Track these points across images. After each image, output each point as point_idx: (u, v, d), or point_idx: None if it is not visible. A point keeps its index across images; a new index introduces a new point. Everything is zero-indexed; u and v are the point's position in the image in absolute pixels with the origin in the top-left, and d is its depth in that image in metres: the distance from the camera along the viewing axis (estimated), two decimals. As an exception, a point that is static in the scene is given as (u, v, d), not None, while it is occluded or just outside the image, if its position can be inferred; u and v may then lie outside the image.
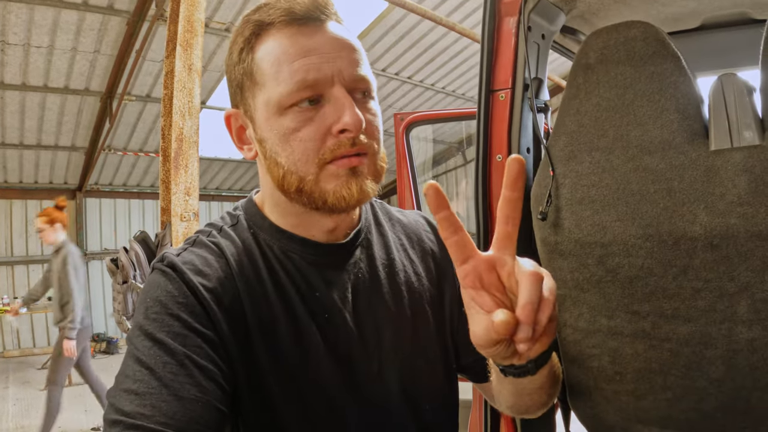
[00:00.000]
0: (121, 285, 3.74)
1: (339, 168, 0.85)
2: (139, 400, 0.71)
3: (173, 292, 0.81)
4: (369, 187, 0.87)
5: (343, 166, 0.85)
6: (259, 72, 0.87)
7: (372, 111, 0.89)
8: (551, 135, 1.42)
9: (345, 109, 0.83)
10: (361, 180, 0.86)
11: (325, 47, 0.85)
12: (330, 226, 0.94)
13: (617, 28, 1.31)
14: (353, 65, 0.86)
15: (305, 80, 0.83)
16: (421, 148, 9.94)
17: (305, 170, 0.86)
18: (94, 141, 9.69)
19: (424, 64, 9.63)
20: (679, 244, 1.23)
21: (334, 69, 0.84)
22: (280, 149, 0.87)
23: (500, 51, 1.61)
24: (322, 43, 0.85)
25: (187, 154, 3.37)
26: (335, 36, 0.86)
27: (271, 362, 0.85)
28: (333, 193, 0.86)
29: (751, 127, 1.17)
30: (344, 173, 0.85)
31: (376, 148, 0.90)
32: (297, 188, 0.87)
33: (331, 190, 0.86)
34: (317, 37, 0.85)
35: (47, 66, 7.40)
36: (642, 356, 1.32)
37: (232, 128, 0.96)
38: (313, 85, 0.83)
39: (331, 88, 0.84)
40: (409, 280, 1.04)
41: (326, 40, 0.85)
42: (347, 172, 0.85)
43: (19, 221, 10.83)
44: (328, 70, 0.84)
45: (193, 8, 3.47)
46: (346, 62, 0.85)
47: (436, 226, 1.17)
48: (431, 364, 1.05)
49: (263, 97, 0.87)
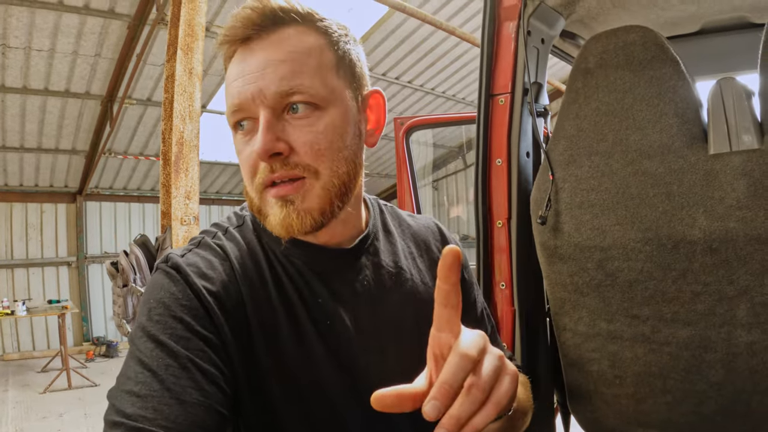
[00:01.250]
0: (121, 288, 3.75)
1: (269, 196, 0.84)
2: (141, 402, 0.70)
3: (177, 294, 0.80)
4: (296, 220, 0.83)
5: (271, 195, 0.83)
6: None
7: (311, 127, 0.83)
8: (551, 139, 1.43)
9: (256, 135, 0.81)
10: (288, 211, 0.83)
11: (251, 67, 0.82)
12: (321, 238, 0.92)
13: (616, 32, 1.31)
14: (279, 80, 0.81)
15: (233, 104, 0.83)
16: (422, 152, 9.98)
17: (251, 192, 0.87)
18: (95, 144, 9.69)
19: (424, 69, 9.64)
20: (678, 247, 1.23)
21: (254, 90, 0.81)
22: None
23: (500, 55, 1.62)
24: (250, 63, 0.82)
25: (188, 158, 3.37)
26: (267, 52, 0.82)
27: (273, 366, 0.85)
28: (268, 222, 0.85)
29: (750, 131, 1.18)
30: (273, 202, 0.83)
31: (318, 168, 0.83)
32: (251, 207, 0.89)
33: (269, 216, 0.85)
34: (249, 56, 0.83)
35: (48, 69, 7.41)
36: (642, 360, 1.32)
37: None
38: (239, 109, 0.83)
39: (255, 110, 0.82)
40: (416, 289, 1.03)
41: (254, 60, 0.82)
42: (276, 201, 0.83)
43: (19, 224, 10.83)
44: (248, 91, 0.81)
45: (194, 12, 3.47)
46: (269, 79, 0.81)
47: (447, 234, 1.17)
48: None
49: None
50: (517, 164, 1.57)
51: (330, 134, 0.84)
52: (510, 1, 1.60)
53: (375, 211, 1.07)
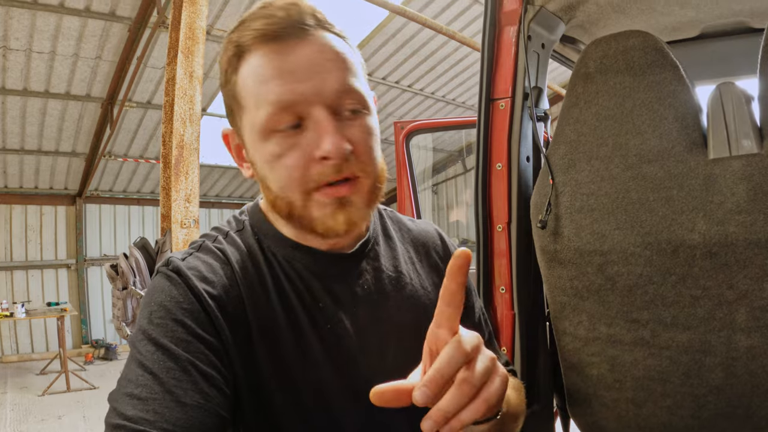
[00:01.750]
0: (120, 291, 3.74)
1: (324, 197, 0.82)
2: (142, 405, 0.71)
3: (178, 297, 0.80)
4: (359, 217, 0.84)
5: (328, 196, 0.82)
6: (242, 95, 0.84)
7: (365, 129, 0.84)
8: (551, 144, 1.43)
9: (325, 133, 0.79)
10: (349, 210, 0.83)
11: (301, 65, 0.80)
12: (330, 241, 0.92)
13: (616, 37, 1.32)
14: (336, 81, 0.80)
15: (280, 102, 0.79)
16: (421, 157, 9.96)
17: (292, 197, 0.83)
18: (95, 147, 9.70)
19: (424, 73, 9.66)
20: (678, 252, 1.23)
21: (311, 89, 0.79)
22: (268, 174, 0.85)
23: (500, 60, 1.62)
24: (297, 62, 0.80)
25: (188, 161, 3.38)
26: (315, 51, 0.81)
27: (273, 369, 0.85)
28: (320, 223, 0.83)
29: (749, 136, 1.18)
30: (330, 203, 0.82)
31: (370, 169, 0.85)
32: (288, 213, 0.86)
33: (318, 219, 0.83)
34: (293, 54, 0.80)
35: (49, 72, 7.42)
36: (641, 364, 1.33)
37: (231, 146, 0.95)
38: (289, 108, 0.79)
39: (311, 110, 0.79)
40: (415, 293, 1.03)
41: (303, 57, 0.80)
42: (333, 201, 0.82)
43: (18, 227, 10.83)
44: (304, 90, 0.79)
45: (195, 16, 3.48)
46: (327, 78, 0.80)
47: (446, 239, 1.17)
48: None
49: (248, 120, 0.84)
50: (517, 168, 1.57)
51: (375, 136, 0.86)
52: (510, 6, 1.60)
53: (375, 215, 1.07)
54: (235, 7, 6.94)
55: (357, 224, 0.85)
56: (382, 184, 0.89)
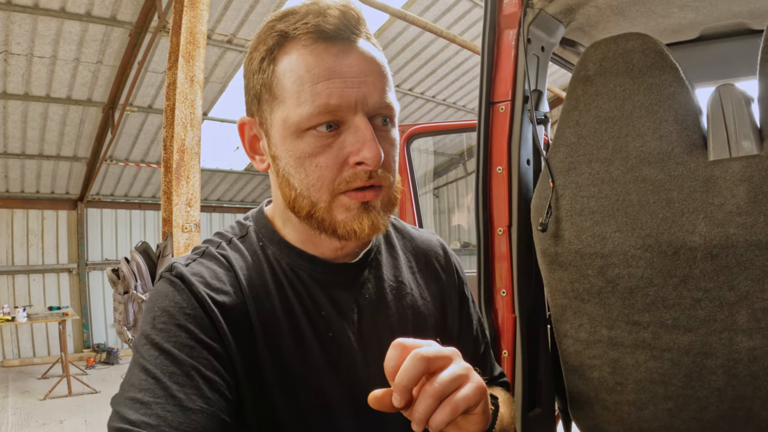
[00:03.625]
0: (122, 295, 3.74)
1: (352, 200, 0.83)
2: (144, 409, 0.71)
3: (181, 303, 0.81)
4: (381, 222, 0.85)
5: (356, 199, 0.83)
6: (280, 86, 0.84)
7: (391, 141, 0.87)
8: (551, 146, 1.43)
9: (366, 141, 0.80)
10: (373, 215, 0.84)
11: (352, 71, 0.81)
12: (338, 245, 0.92)
13: (616, 40, 1.32)
14: (379, 92, 0.83)
15: (327, 105, 0.79)
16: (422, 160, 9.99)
17: (318, 197, 0.84)
18: (96, 151, 9.71)
19: (424, 77, 9.67)
20: (678, 254, 1.23)
21: (358, 95, 0.80)
22: (293, 171, 0.85)
23: (500, 63, 1.63)
24: (348, 66, 0.81)
25: (189, 166, 3.38)
26: (364, 58, 0.83)
27: (276, 376, 0.85)
28: (343, 225, 0.84)
29: (749, 137, 1.18)
30: (356, 207, 0.84)
31: (392, 180, 0.87)
32: (308, 213, 0.86)
33: (341, 222, 0.84)
34: (345, 58, 0.81)
35: (50, 76, 7.43)
36: (643, 366, 1.32)
37: (245, 136, 0.93)
38: (334, 111, 0.80)
39: (353, 116, 0.81)
40: (415, 303, 1.03)
41: (353, 63, 0.81)
42: (359, 205, 0.84)
43: (20, 231, 10.83)
44: (352, 96, 0.80)
45: (196, 20, 3.49)
46: (371, 88, 0.82)
47: (448, 250, 1.17)
48: None
49: (281, 113, 0.84)
50: (517, 171, 1.57)
51: (396, 147, 0.89)
52: (510, 10, 1.61)
53: None
54: (235, 12, 6.95)
55: (380, 229, 0.86)
56: (399, 194, 0.91)
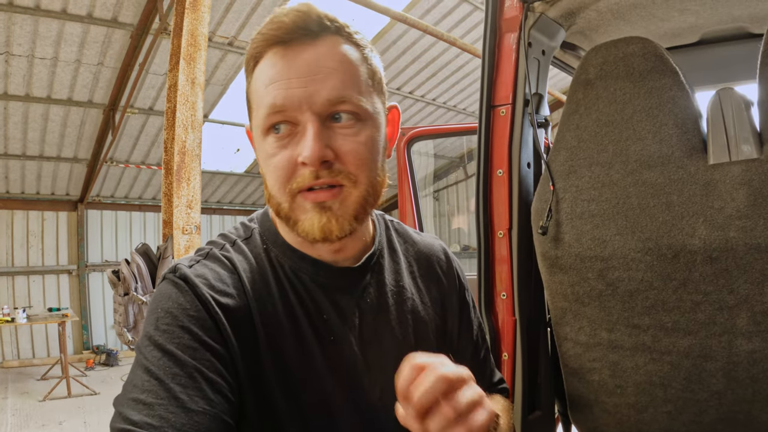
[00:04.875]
0: (122, 297, 3.74)
1: (305, 200, 0.84)
2: (147, 410, 0.71)
3: (185, 304, 0.81)
4: (335, 224, 0.84)
5: (309, 200, 0.83)
6: (253, 95, 0.88)
7: (357, 138, 0.84)
8: (551, 150, 1.43)
9: (304, 140, 0.81)
10: (327, 216, 0.83)
11: (299, 71, 0.81)
12: (333, 248, 0.92)
13: (616, 44, 1.32)
14: (329, 89, 0.81)
15: (274, 105, 0.82)
16: (423, 163, 9.99)
17: (280, 197, 0.86)
18: (97, 153, 9.71)
19: (425, 80, 9.67)
20: (678, 257, 1.23)
21: (303, 94, 0.81)
22: (265, 172, 0.88)
23: (501, 67, 1.63)
24: (297, 67, 0.82)
25: (190, 168, 3.38)
26: (316, 57, 0.82)
27: (278, 379, 0.86)
28: (301, 226, 0.85)
29: (749, 141, 1.18)
30: (310, 207, 0.84)
31: (357, 178, 0.85)
32: (277, 212, 0.88)
33: (300, 223, 0.85)
34: (295, 59, 0.82)
35: (51, 78, 7.44)
36: (642, 369, 1.33)
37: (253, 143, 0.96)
38: (281, 111, 0.82)
39: (301, 115, 0.81)
40: (416, 308, 1.04)
41: (303, 63, 0.82)
42: (313, 206, 0.83)
43: (20, 232, 10.83)
44: (297, 95, 0.81)
45: (197, 22, 3.49)
46: (319, 86, 0.81)
47: (450, 255, 1.17)
48: None
49: (255, 119, 0.87)
50: (518, 175, 1.57)
51: (369, 146, 0.86)
52: (511, 13, 1.61)
53: (381, 227, 1.07)
54: (237, 14, 6.96)
55: (333, 232, 0.84)
56: (375, 195, 0.89)
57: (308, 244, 0.91)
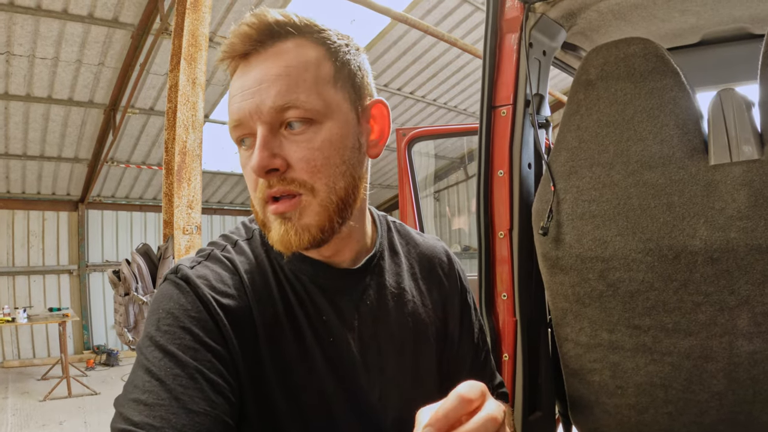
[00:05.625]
0: (123, 297, 3.74)
1: (269, 212, 0.85)
2: (148, 411, 0.71)
3: (186, 305, 0.81)
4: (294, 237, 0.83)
5: (270, 211, 0.84)
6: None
7: (310, 144, 0.82)
8: (552, 150, 1.43)
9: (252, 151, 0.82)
10: (286, 228, 0.83)
11: (249, 82, 0.82)
12: (324, 252, 0.92)
13: (617, 44, 1.32)
14: (273, 96, 0.80)
15: (232, 120, 0.84)
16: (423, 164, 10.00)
17: (257, 207, 0.87)
18: (97, 153, 9.71)
19: (426, 80, 9.67)
20: (679, 258, 1.23)
21: (251, 106, 0.81)
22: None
23: (502, 67, 1.63)
24: (249, 78, 0.83)
25: (190, 168, 3.38)
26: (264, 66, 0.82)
27: (277, 379, 0.86)
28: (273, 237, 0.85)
29: (750, 142, 1.18)
30: (273, 218, 0.85)
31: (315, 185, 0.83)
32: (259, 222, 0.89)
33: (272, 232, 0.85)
34: (249, 71, 0.83)
35: (52, 77, 7.44)
36: (643, 370, 1.33)
37: None
38: (239, 125, 0.83)
39: (254, 126, 0.82)
40: (416, 311, 1.04)
41: (253, 74, 0.82)
42: (275, 217, 0.84)
43: (21, 232, 10.83)
44: (247, 107, 0.81)
45: (198, 23, 3.49)
46: (264, 95, 0.81)
47: (452, 257, 1.17)
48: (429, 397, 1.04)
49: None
50: (518, 175, 1.58)
51: (326, 149, 0.84)
52: (512, 14, 1.61)
53: (383, 228, 1.07)
54: (237, 14, 6.96)
55: (292, 243, 0.84)
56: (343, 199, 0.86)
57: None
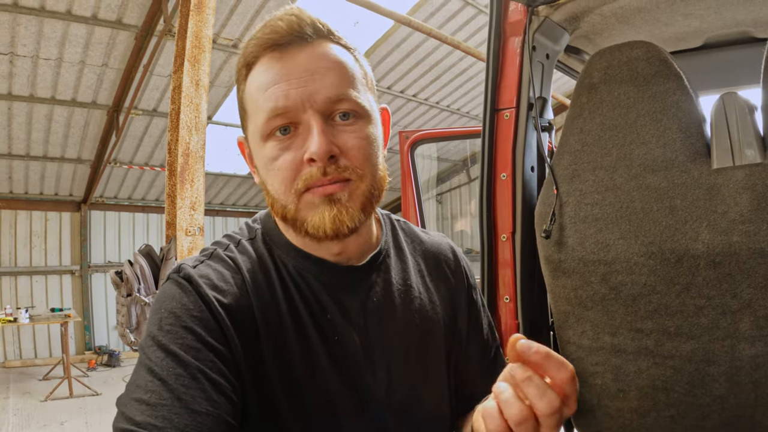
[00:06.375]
0: (125, 298, 3.75)
1: (314, 196, 0.84)
2: (150, 410, 0.71)
3: (188, 305, 0.81)
4: (346, 215, 0.85)
5: (318, 194, 0.84)
6: (248, 101, 0.89)
7: (359, 135, 0.86)
8: (555, 154, 1.43)
9: (311, 137, 0.82)
10: (337, 208, 0.84)
11: (297, 71, 0.83)
12: (335, 249, 0.93)
13: (620, 48, 1.32)
14: (328, 87, 0.83)
15: (276, 108, 0.83)
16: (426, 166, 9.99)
17: (285, 199, 0.86)
18: (100, 154, 9.73)
19: (429, 83, 9.68)
20: (681, 261, 1.23)
21: (304, 94, 0.82)
22: (266, 177, 0.88)
23: (505, 70, 1.63)
24: (294, 68, 0.83)
25: (193, 169, 3.38)
26: (312, 57, 0.84)
27: (281, 379, 0.86)
28: (311, 222, 0.85)
29: (752, 146, 1.18)
30: (319, 201, 0.84)
31: (363, 172, 0.86)
32: (283, 216, 0.88)
33: (308, 219, 0.85)
34: (291, 61, 0.84)
35: (55, 78, 7.46)
36: (645, 373, 1.32)
37: (245, 153, 0.97)
38: (283, 113, 0.83)
39: (303, 115, 0.83)
40: (423, 307, 1.03)
41: (300, 63, 0.83)
42: (322, 200, 0.84)
43: (23, 232, 10.86)
44: (297, 95, 0.82)
45: (202, 24, 3.49)
46: (319, 85, 0.83)
47: (458, 254, 1.17)
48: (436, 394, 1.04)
49: (252, 126, 0.88)
50: (521, 178, 1.58)
51: (371, 142, 0.88)
52: (515, 17, 1.61)
53: (387, 227, 1.07)
54: (241, 16, 6.97)
55: (345, 223, 0.85)
56: (379, 190, 0.90)
57: (312, 244, 0.91)
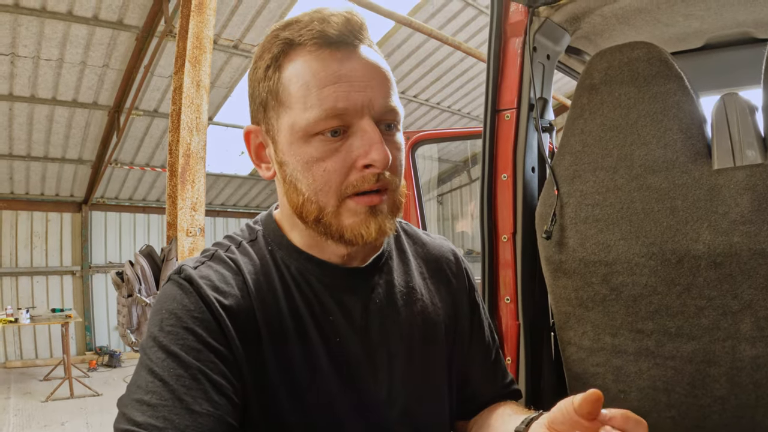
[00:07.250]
0: (126, 298, 3.75)
1: (359, 204, 0.84)
2: (151, 411, 0.71)
3: (189, 306, 0.81)
4: (388, 226, 0.86)
5: (362, 203, 0.84)
6: (286, 93, 0.84)
7: (397, 145, 0.87)
8: (556, 154, 1.44)
9: (373, 143, 0.80)
10: (380, 219, 0.85)
11: (357, 74, 0.82)
12: (344, 252, 0.92)
13: (621, 48, 1.32)
14: (384, 96, 0.83)
15: (334, 108, 0.80)
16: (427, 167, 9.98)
17: (325, 201, 0.84)
18: (101, 155, 9.73)
19: (429, 83, 9.68)
20: (682, 262, 1.23)
21: (364, 99, 0.81)
22: (301, 176, 0.85)
23: (506, 71, 1.63)
24: (354, 70, 0.82)
25: (194, 170, 3.38)
26: (368, 63, 0.84)
27: (282, 380, 0.86)
28: (351, 229, 0.85)
29: (753, 146, 1.18)
30: (363, 211, 0.84)
31: (398, 183, 0.88)
32: (315, 218, 0.86)
33: (349, 226, 0.85)
34: (349, 62, 0.82)
35: (56, 79, 7.46)
36: (646, 374, 1.32)
37: (251, 145, 0.94)
38: (341, 115, 0.81)
39: (359, 119, 0.81)
40: (425, 309, 1.03)
41: (359, 67, 0.82)
42: (366, 210, 0.84)
43: (24, 233, 10.85)
44: (358, 99, 0.81)
45: (203, 25, 3.50)
46: (377, 92, 0.83)
47: (460, 257, 1.17)
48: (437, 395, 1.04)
49: (288, 119, 0.84)
50: (522, 179, 1.58)
51: (403, 153, 0.89)
52: (516, 18, 1.62)
53: None
54: (242, 17, 6.98)
55: (386, 233, 0.86)
56: (404, 198, 0.91)
57: (315, 245, 0.92)
